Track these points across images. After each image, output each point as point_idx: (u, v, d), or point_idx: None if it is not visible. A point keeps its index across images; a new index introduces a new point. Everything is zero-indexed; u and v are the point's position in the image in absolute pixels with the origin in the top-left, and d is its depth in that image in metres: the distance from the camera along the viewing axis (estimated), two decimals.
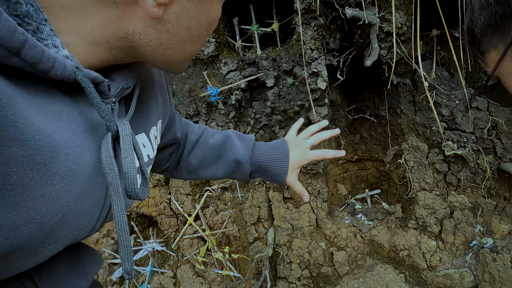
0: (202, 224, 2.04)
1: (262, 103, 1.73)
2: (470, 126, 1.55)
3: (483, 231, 1.59)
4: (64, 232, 0.47)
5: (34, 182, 0.39)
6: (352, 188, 2.09)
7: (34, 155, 0.38)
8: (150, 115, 0.69)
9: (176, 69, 0.59)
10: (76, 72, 0.42)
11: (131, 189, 0.49)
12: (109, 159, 0.46)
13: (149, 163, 0.68)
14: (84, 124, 0.47)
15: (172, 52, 0.53)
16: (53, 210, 0.43)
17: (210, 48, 1.64)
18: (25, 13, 0.38)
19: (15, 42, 0.35)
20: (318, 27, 1.41)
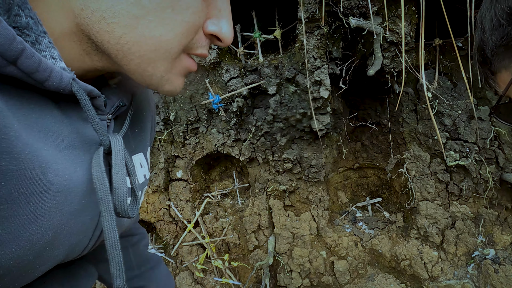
0: (202, 231, 2.02)
1: (264, 111, 1.72)
2: (473, 136, 1.54)
3: (485, 241, 1.58)
4: (55, 253, 0.46)
5: (24, 197, 0.38)
6: (353, 195, 2.08)
7: (24, 170, 0.37)
8: (146, 136, 0.69)
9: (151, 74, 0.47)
10: (73, 83, 0.41)
11: (120, 205, 0.47)
12: (100, 174, 0.45)
13: (145, 183, 0.68)
14: (76, 140, 0.46)
15: (123, 32, 0.43)
16: (44, 228, 0.42)
17: (212, 55, 1.63)
18: (25, 25, 0.38)
19: (13, 51, 0.34)
20: (322, 36, 1.40)
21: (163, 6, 0.43)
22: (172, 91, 0.51)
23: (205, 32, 0.48)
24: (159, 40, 0.44)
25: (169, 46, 0.45)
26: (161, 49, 0.45)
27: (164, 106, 1.87)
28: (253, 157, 1.87)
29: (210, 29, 0.48)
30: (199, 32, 0.48)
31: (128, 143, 0.61)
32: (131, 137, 0.63)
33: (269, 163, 1.85)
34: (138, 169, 0.64)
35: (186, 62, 0.49)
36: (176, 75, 0.50)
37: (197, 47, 0.49)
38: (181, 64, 0.49)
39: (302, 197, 1.85)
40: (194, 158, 1.98)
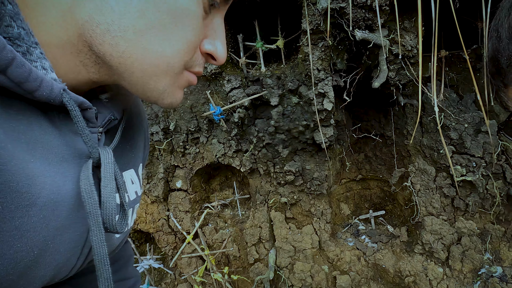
0: (201, 242, 1.98)
1: (266, 122, 1.69)
2: (480, 150, 1.51)
3: (492, 258, 1.54)
4: (41, 273, 0.45)
5: (8, 212, 0.37)
6: (355, 207, 2.04)
7: (9, 182, 0.36)
8: (138, 152, 0.67)
9: (153, 87, 0.48)
10: (63, 94, 0.41)
11: (108, 220, 0.46)
12: (88, 187, 0.44)
13: (137, 200, 0.66)
14: (66, 153, 0.45)
15: (128, 46, 0.43)
16: (29, 245, 0.40)
17: (213, 65, 1.60)
18: (16, 35, 0.38)
19: (3, 60, 0.34)
20: (326, 48, 1.37)
21: (166, 22, 0.44)
22: (172, 104, 0.52)
23: (202, 51, 0.50)
24: (162, 55, 0.45)
25: (171, 62, 0.46)
26: (163, 64, 0.46)
27: (164, 116, 1.84)
28: (254, 168, 1.83)
29: (207, 48, 0.50)
30: (197, 50, 0.50)
31: (118, 159, 0.60)
32: (122, 153, 0.61)
33: (270, 174, 1.81)
34: (129, 186, 0.62)
35: (187, 76, 0.51)
36: (177, 89, 0.51)
37: (196, 65, 0.50)
38: (183, 79, 0.50)
39: (304, 210, 1.81)
40: (194, 168, 1.94)
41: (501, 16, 0.59)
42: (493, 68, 0.63)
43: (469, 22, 1.54)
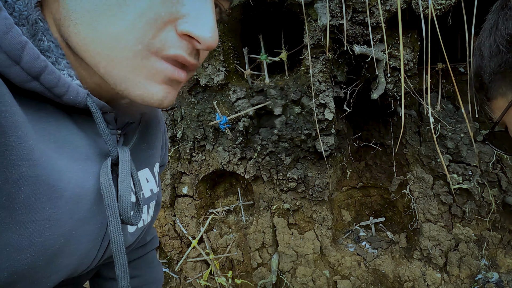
0: (206, 247, 2.04)
1: (269, 130, 1.76)
2: (476, 159, 1.56)
3: (488, 264, 1.58)
4: (66, 262, 0.48)
5: (40, 203, 0.41)
6: (356, 214, 2.09)
7: (41, 176, 0.41)
8: (155, 151, 0.71)
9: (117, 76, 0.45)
10: (87, 98, 0.45)
11: (124, 212, 0.50)
12: (107, 182, 0.48)
13: (153, 197, 0.70)
14: (89, 152, 0.49)
15: (86, 32, 0.42)
16: (56, 234, 0.44)
17: (220, 77, 1.68)
18: (47, 48, 0.43)
19: (37, 67, 0.39)
20: (327, 61, 1.44)
21: (118, 1, 0.41)
22: (143, 98, 0.45)
23: (178, 32, 0.44)
24: (117, 36, 0.42)
25: (126, 43, 0.42)
26: (119, 46, 0.42)
27: (171, 124, 1.92)
28: (258, 175, 1.90)
29: (181, 27, 0.43)
30: (167, 30, 0.43)
31: (135, 159, 0.64)
32: (138, 153, 0.66)
33: (273, 181, 1.88)
34: (144, 184, 0.67)
35: (160, 66, 0.44)
36: (149, 80, 0.45)
37: (167, 47, 0.44)
38: (152, 68, 0.44)
39: (306, 216, 1.87)
40: (200, 174, 2.01)
41: (483, 36, 0.65)
42: (477, 83, 0.68)
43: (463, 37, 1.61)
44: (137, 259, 0.89)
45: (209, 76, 1.69)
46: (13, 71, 0.38)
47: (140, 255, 0.90)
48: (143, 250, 0.90)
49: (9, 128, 0.37)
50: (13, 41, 0.37)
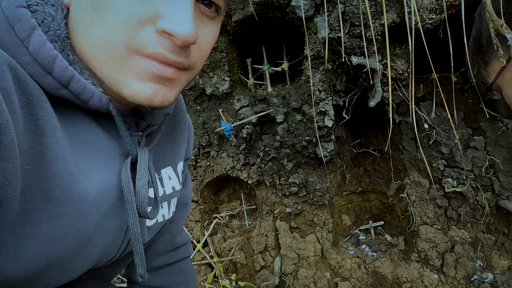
0: (210, 250, 2.10)
1: (272, 137, 1.83)
2: (469, 164, 1.63)
3: (483, 266, 1.64)
4: (94, 251, 0.53)
5: (72, 198, 0.46)
6: (356, 219, 2.15)
7: (73, 172, 0.46)
8: (179, 150, 0.76)
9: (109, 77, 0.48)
10: (109, 103, 0.50)
11: (141, 206, 0.54)
12: (126, 179, 0.52)
13: (174, 194, 0.75)
14: (113, 152, 0.54)
15: (83, 39, 0.47)
16: (86, 225, 0.49)
17: (225, 86, 1.77)
18: (72, 61, 0.49)
19: (66, 77, 0.45)
20: (326, 71, 1.53)
21: (94, 7, 0.45)
22: (134, 97, 0.48)
23: (157, 30, 0.45)
24: (101, 39, 0.45)
25: (109, 45, 0.45)
26: (104, 48, 0.46)
27: None
28: (261, 180, 1.97)
29: (160, 24, 0.45)
30: (146, 29, 0.45)
31: (159, 158, 0.69)
32: (163, 152, 0.70)
33: (276, 186, 1.95)
34: (166, 181, 0.71)
35: (144, 64, 0.47)
36: (134, 79, 0.47)
37: (147, 46, 0.46)
38: (136, 67, 0.47)
39: (307, 220, 1.93)
40: (205, 180, 2.09)
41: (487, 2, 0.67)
42: (475, 47, 0.70)
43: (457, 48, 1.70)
44: (168, 266, 0.89)
45: (214, 85, 1.78)
46: (46, 80, 0.44)
47: (172, 261, 0.90)
48: (174, 255, 0.90)
49: (49, 130, 0.43)
50: (46, 54, 0.44)
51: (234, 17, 1.59)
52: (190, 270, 0.95)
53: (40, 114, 0.43)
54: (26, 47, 0.43)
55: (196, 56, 0.52)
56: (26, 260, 0.44)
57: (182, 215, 0.89)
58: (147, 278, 0.56)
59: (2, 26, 0.42)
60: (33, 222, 0.43)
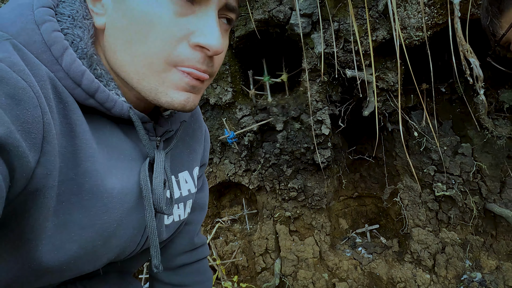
0: (213, 253, 2.18)
1: (272, 144, 1.94)
2: (458, 169, 1.74)
3: (472, 266, 1.73)
4: (117, 243, 0.58)
5: (99, 192, 0.51)
6: (352, 222, 2.25)
7: (100, 170, 0.51)
8: (195, 156, 0.82)
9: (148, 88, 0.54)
10: (130, 111, 0.56)
11: (157, 203, 0.58)
12: (144, 177, 0.58)
13: (190, 197, 0.80)
14: (133, 154, 0.60)
15: (122, 57, 0.54)
16: (111, 218, 0.53)
17: (228, 96, 1.88)
18: (99, 74, 0.55)
19: (92, 88, 0.51)
20: (322, 83, 1.64)
21: (138, 29, 0.51)
22: (171, 104, 0.55)
23: (191, 45, 0.53)
24: (142, 57, 0.52)
25: (150, 61, 0.52)
26: (146, 64, 0.53)
27: None
28: (261, 185, 2.07)
29: (194, 40, 0.52)
30: (181, 45, 0.52)
31: (176, 162, 0.75)
32: (180, 157, 0.76)
33: (276, 191, 2.04)
34: (183, 184, 0.77)
35: (179, 75, 0.53)
36: (172, 88, 0.54)
37: (184, 60, 0.53)
38: (174, 78, 0.54)
39: (306, 223, 2.02)
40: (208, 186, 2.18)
41: None
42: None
43: (446, 61, 1.82)
44: (187, 265, 0.94)
45: (217, 95, 1.89)
46: (77, 92, 0.50)
47: (190, 261, 0.94)
48: (193, 255, 0.94)
49: (80, 133, 0.50)
50: (76, 70, 0.50)
51: (236, 32, 1.71)
52: (207, 271, 0.99)
53: (73, 119, 0.49)
54: (60, 64, 0.49)
55: (216, 65, 0.59)
56: (61, 247, 0.49)
57: (200, 217, 0.94)
58: (161, 269, 0.60)
59: (41, 47, 0.48)
60: (66, 212, 0.49)
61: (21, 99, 0.40)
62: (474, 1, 1.19)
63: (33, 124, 0.41)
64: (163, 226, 0.73)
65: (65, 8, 0.55)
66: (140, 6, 0.51)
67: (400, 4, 1.36)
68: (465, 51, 0.70)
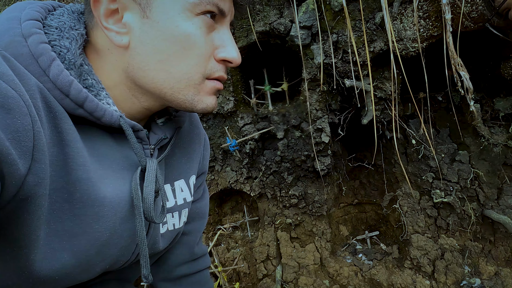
0: (215, 260, 2.20)
1: (273, 152, 1.98)
2: (456, 176, 1.77)
3: (471, 271, 1.76)
4: (111, 252, 0.58)
5: (90, 201, 0.51)
6: (353, 229, 2.27)
7: (91, 178, 0.51)
8: (193, 164, 0.82)
9: (183, 99, 0.60)
10: (120, 119, 0.56)
11: (147, 212, 0.59)
12: (135, 186, 0.58)
13: (185, 205, 0.80)
14: (125, 163, 0.60)
15: (155, 74, 0.57)
16: (103, 227, 0.54)
17: (230, 105, 1.92)
18: (90, 84, 0.57)
19: (80, 98, 0.52)
20: (322, 93, 1.69)
21: (177, 48, 0.56)
22: (205, 109, 0.63)
23: (217, 59, 0.61)
24: (181, 73, 0.58)
25: (189, 76, 0.59)
26: (183, 79, 0.58)
27: None
28: (262, 193, 2.10)
29: (220, 55, 0.61)
30: (211, 60, 0.61)
31: (172, 170, 0.76)
32: (177, 165, 0.77)
33: (277, 198, 2.07)
34: (178, 193, 0.77)
35: (211, 84, 0.62)
36: (205, 95, 0.62)
37: (214, 72, 0.61)
38: (207, 87, 0.62)
39: (307, 230, 2.05)
40: (209, 193, 2.21)
41: None
42: None
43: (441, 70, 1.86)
44: (188, 276, 0.93)
45: (220, 104, 1.93)
46: (65, 102, 0.51)
47: (190, 272, 0.94)
48: (193, 265, 0.94)
49: (71, 142, 0.51)
50: (63, 80, 0.50)
51: (238, 43, 1.76)
52: (208, 282, 0.99)
53: (63, 127, 0.50)
54: (47, 75, 0.50)
55: None
56: (52, 255, 0.49)
57: (200, 227, 0.94)
58: (151, 279, 0.61)
59: (29, 59, 0.49)
60: (58, 220, 0.49)
61: (11, 108, 0.41)
62: (468, 14, 1.24)
63: (23, 133, 0.41)
64: (158, 236, 0.73)
65: (53, 20, 0.57)
66: (179, 29, 0.56)
67: (396, 17, 1.41)
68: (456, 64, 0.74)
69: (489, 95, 1.74)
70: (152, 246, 0.72)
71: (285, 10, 1.61)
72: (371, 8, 1.48)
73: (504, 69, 1.45)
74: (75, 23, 0.58)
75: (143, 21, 0.56)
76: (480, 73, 1.73)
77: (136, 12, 0.56)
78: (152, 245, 0.72)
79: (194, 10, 0.56)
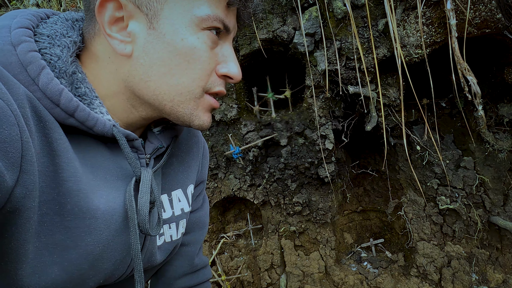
0: (218, 269, 2.18)
1: (276, 159, 1.97)
2: (461, 183, 1.76)
3: (479, 279, 1.73)
4: (105, 266, 0.55)
5: (81, 213, 0.49)
6: (357, 237, 2.25)
7: (83, 190, 0.50)
8: (190, 173, 0.80)
9: (182, 113, 0.59)
10: (113, 129, 0.55)
11: (142, 224, 0.57)
12: (129, 197, 0.56)
13: (183, 216, 0.78)
14: (119, 173, 0.58)
15: (156, 86, 0.56)
16: (96, 240, 0.52)
17: (233, 112, 1.92)
18: (83, 93, 0.55)
19: (71, 107, 0.50)
20: (326, 99, 1.69)
21: (180, 61, 0.56)
22: (201, 125, 0.62)
23: (218, 74, 0.61)
24: (182, 86, 0.57)
25: (190, 89, 0.58)
26: (185, 92, 0.58)
27: None
28: (266, 200, 2.09)
29: (222, 71, 0.61)
30: (213, 75, 0.60)
31: (169, 180, 0.73)
32: (174, 174, 0.75)
33: (280, 206, 2.06)
34: (175, 203, 0.75)
35: (209, 100, 0.61)
36: (202, 111, 0.61)
37: (214, 86, 0.61)
38: (205, 102, 0.61)
39: (311, 238, 2.03)
40: (212, 201, 2.20)
41: None
42: None
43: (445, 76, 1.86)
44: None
45: (223, 112, 1.93)
46: (56, 111, 0.50)
47: (191, 285, 0.90)
48: (193, 277, 0.91)
49: (62, 152, 0.48)
50: (53, 89, 0.49)
51: (241, 51, 1.77)
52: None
53: (54, 137, 0.48)
54: (37, 84, 0.48)
55: None
56: (42, 270, 0.48)
57: (199, 237, 0.90)
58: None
59: (17, 68, 0.48)
60: (48, 233, 0.47)
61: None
62: (471, 20, 1.24)
63: (11, 143, 0.40)
64: (155, 248, 0.71)
65: (45, 29, 0.55)
66: (184, 42, 0.55)
67: (400, 24, 1.42)
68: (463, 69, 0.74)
69: (492, 101, 1.73)
70: (149, 259, 0.70)
71: (288, 17, 1.62)
72: (374, 15, 1.49)
73: (508, 75, 1.45)
74: (67, 30, 0.57)
75: (149, 31, 0.55)
76: (483, 78, 1.73)
77: (142, 22, 0.55)
78: (149, 258, 0.70)
79: (200, 24, 0.56)
